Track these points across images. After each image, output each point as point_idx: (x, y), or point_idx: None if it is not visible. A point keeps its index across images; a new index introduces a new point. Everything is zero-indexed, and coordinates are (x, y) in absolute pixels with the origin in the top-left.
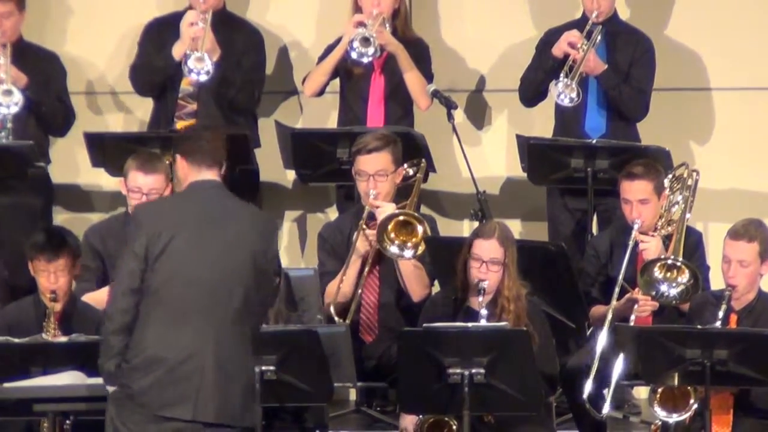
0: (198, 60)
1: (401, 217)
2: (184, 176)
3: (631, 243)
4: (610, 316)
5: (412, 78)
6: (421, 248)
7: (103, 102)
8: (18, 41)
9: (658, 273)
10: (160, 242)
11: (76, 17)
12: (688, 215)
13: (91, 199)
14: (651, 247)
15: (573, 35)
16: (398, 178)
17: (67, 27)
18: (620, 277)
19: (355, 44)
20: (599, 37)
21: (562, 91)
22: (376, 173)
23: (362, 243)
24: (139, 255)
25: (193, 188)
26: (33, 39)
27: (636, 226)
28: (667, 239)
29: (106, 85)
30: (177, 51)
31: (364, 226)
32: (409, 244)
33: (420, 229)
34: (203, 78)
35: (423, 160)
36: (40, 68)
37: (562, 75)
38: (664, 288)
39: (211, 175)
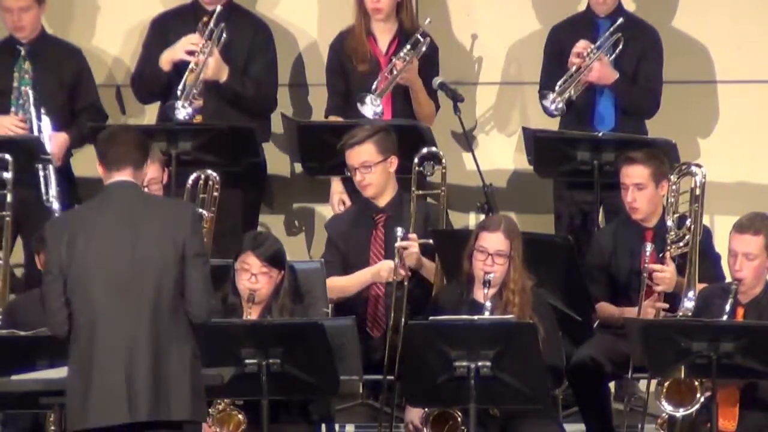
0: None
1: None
2: (104, 179)
3: (644, 275)
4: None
5: (422, 106)
6: None
7: (129, 94)
8: (39, 35)
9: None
10: (69, 251)
11: (102, 11)
12: (698, 238)
13: None
14: (666, 278)
15: (580, 46)
16: (391, 167)
17: (94, 21)
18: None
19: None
20: (611, 49)
21: (552, 103)
22: (360, 166)
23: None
24: (54, 271)
25: (104, 191)
26: (58, 32)
27: (648, 252)
28: (680, 257)
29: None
30: (165, 60)
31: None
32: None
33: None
34: (181, 117)
35: (440, 153)
36: (64, 64)
37: (558, 84)
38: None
39: (123, 176)
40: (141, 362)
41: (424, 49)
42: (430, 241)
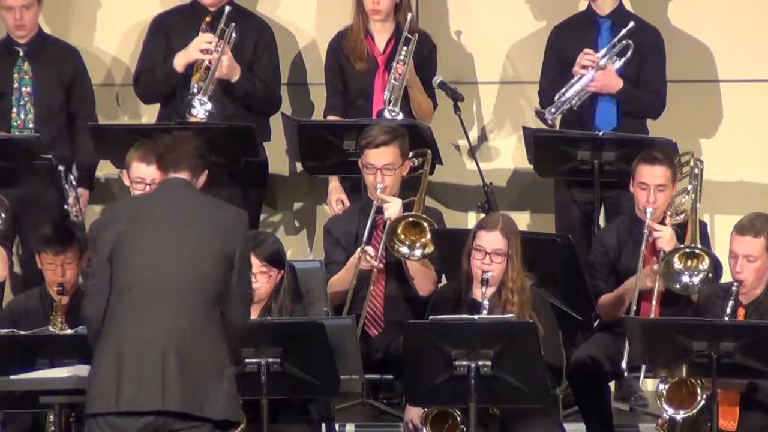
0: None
1: (410, 219)
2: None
3: (645, 231)
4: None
5: (420, 104)
6: (429, 248)
7: (128, 94)
8: (37, 35)
9: (678, 264)
10: (123, 241)
11: (102, 11)
12: (698, 204)
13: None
14: (665, 236)
15: (586, 59)
16: (405, 170)
17: (93, 21)
18: (640, 265)
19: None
20: (616, 58)
21: (549, 115)
22: (383, 167)
23: (363, 263)
24: (105, 260)
25: (159, 186)
26: (57, 33)
27: (649, 214)
28: (678, 228)
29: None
30: (179, 62)
31: (366, 248)
32: (418, 244)
33: (428, 229)
34: (201, 115)
35: (428, 150)
36: (62, 64)
37: (558, 95)
38: (686, 278)
39: (180, 176)
40: (172, 356)
41: (414, 45)
42: (413, 199)
